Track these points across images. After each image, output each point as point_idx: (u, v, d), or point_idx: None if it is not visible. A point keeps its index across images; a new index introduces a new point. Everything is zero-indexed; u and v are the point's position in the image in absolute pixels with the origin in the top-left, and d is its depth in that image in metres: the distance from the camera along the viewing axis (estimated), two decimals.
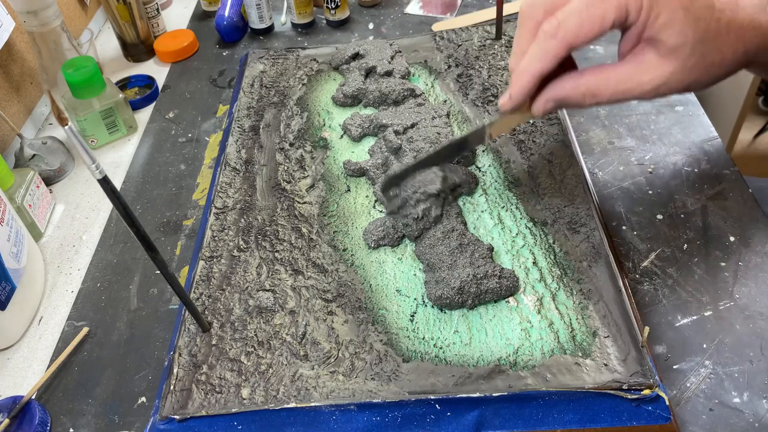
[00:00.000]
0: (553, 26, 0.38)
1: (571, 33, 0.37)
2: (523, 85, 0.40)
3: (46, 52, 0.71)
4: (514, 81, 0.40)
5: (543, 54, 0.38)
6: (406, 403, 0.41)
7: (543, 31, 0.38)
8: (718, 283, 0.50)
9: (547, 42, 0.38)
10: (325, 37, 0.86)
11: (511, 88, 0.41)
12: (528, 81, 0.40)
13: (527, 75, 0.39)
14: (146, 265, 0.57)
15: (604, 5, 0.36)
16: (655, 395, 0.40)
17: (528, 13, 0.40)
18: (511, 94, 0.41)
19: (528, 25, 0.40)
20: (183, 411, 0.42)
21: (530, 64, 0.39)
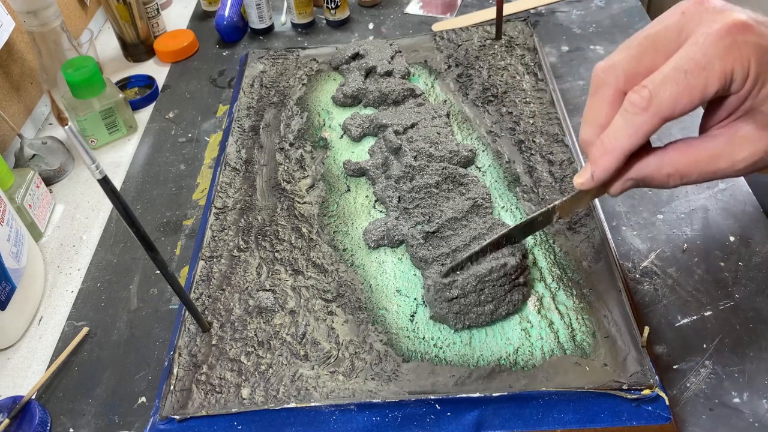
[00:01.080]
0: (644, 98, 0.33)
1: (667, 106, 0.32)
2: (608, 165, 0.35)
3: (46, 52, 0.71)
4: (597, 159, 0.35)
5: (633, 130, 0.34)
6: (406, 403, 0.41)
7: (631, 102, 0.33)
8: (718, 283, 0.50)
9: (636, 116, 0.33)
10: (325, 37, 0.86)
11: (592, 165, 0.36)
12: (614, 160, 0.35)
13: (614, 154, 0.35)
14: (146, 265, 0.57)
15: (706, 73, 0.31)
16: (655, 395, 0.40)
17: (604, 78, 0.35)
18: (595, 175, 0.36)
19: (606, 92, 0.36)
20: (183, 411, 0.42)
21: (617, 142, 0.34)
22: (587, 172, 0.37)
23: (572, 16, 0.82)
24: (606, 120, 0.36)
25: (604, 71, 0.36)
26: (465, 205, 0.51)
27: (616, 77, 0.35)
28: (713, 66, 0.31)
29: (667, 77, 0.32)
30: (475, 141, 0.61)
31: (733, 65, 0.31)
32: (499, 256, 0.45)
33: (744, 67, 0.31)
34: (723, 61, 0.31)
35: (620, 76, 0.35)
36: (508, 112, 0.63)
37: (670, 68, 0.32)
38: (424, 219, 0.51)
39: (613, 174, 0.36)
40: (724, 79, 0.32)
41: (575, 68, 0.73)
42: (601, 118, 0.36)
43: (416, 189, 0.53)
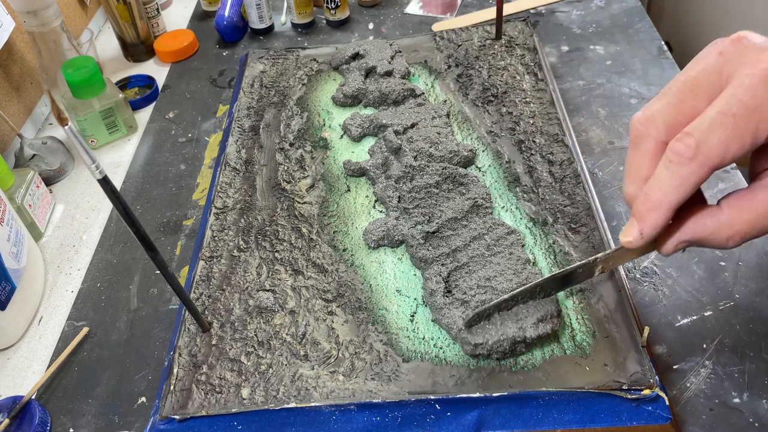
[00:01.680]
0: (689, 147, 0.31)
1: (716, 154, 0.30)
2: (657, 221, 0.33)
3: (46, 52, 0.71)
4: (644, 214, 0.33)
5: (679, 182, 0.31)
6: (406, 403, 0.41)
7: (675, 153, 0.31)
8: (718, 283, 0.50)
9: (682, 167, 0.31)
10: (325, 37, 0.86)
11: (639, 222, 0.34)
12: (662, 215, 0.33)
13: (662, 208, 0.33)
14: (146, 265, 0.57)
15: (757, 116, 0.29)
16: (654, 395, 0.40)
17: (644, 130, 0.33)
18: (643, 232, 0.34)
19: (647, 145, 0.33)
20: (183, 411, 0.42)
21: (664, 195, 0.32)
22: (634, 230, 0.34)
23: (572, 16, 0.82)
24: (649, 173, 0.34)
25: (643, 122, 0.34)
26: (465, 205, 0.51)
27: (657, 128, 0.33)
28: (763, 108, 0.29)
29: (714, 122, 0.30)
30: (475, 141, 0.61)
31: None
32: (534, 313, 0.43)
33: None
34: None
35: (660, 126, 0.33)
36: (508, 112, 0.63)
37: (716, 112, 0.30)
38: (424, 219, 0.51)
39: (662, 229, 0.34)
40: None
41: (575, 68, 0.73)
42: (644, 172, 0.34)
43: (416, 189, 0.53)
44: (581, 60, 0.74)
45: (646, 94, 0.68)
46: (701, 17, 1.06)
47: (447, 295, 0.46)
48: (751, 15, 0.93)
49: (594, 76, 0.72)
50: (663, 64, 0.72)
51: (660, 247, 0.35)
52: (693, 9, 1.08)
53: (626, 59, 0.73)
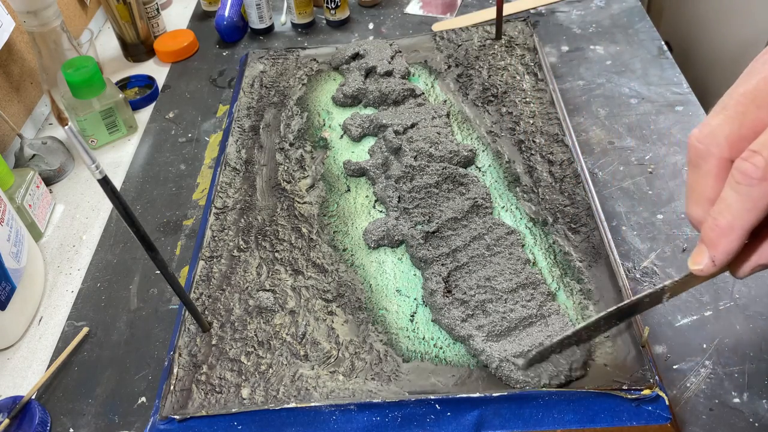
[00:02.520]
0: (758, 167, 0.28)
1: None
2: (729, 248, 0.31)
3: (46, 52, 0.71)
4: (715, 241, 0.31)
5: (751, 204, 0.29)
6: (406, 403, 0.41)
7: (743, 173, 0.29)
8: (718, 283, 0.50)
9: (752, 188, 0.29)
10: (325, 37, 0.86)
11: (710, 249, 0.32)
12: (735, 241, 0.31)
13: (734, 234, 0.30)
14: (146, 265, 0.57)
15: None
16: (655, 395, 0.40)
17: (705, 149, 0.31)
18: (715, 259, 0.32)
19: (709, 164, 0.31)
20: (183, 411, 0.42)
21: (735, 220, 0.30)
22: (705, 257, 0.32)
23: (572, 16, 0.82)
24: (714, 194, 0.31)
25: (702, 140, 0.31)
26: (465, 205, 0.51)
27: (718, 145, 0.31)
28: None
29: None
30: (475, 141, 0.61)
31: None
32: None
33: None
34: None
35: (723, 143, 0.31)
36: (508, 112, 0.63)
37: None
38: (424, 219, 0.51)
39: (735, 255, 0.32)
40: None
41: (575, 68, 0.73)
42: (708, 193, 0.32)
43: (416, 189, 0.53)
44: (581, 60, 0.74)
45: (646, 94, 0.68)
46: (701, 17, 1.06)
47: (447, 295, 0.46)
48: (750, 15, 0.93)
49: (594, 76, 0.72)
50: (663, 64, 0.72)
51: (735, 271, 0.33)
52: (693, 9, 1.08)
53: (626, 59, 0.73)
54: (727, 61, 1.16)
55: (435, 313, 0.46)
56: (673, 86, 0.69)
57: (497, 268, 0.47)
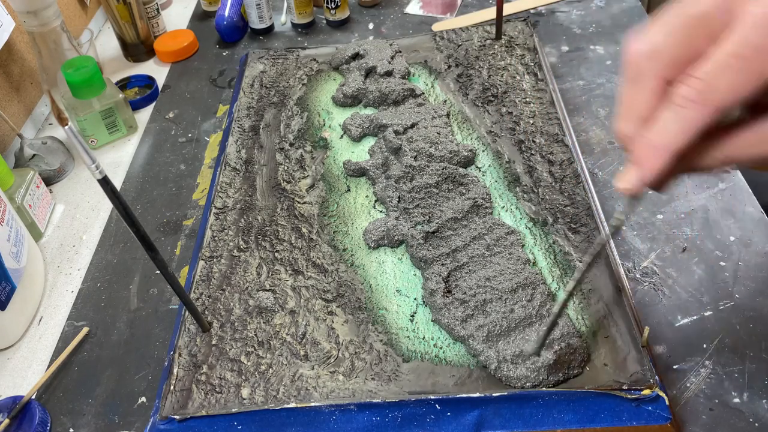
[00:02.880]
0: (696, 89, 0.29)
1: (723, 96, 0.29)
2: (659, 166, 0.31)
3: (46, 52, 0.71)
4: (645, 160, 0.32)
5: (686, 126, 0.30)
6: (406, 403, 0.41)
7: (681, 96, 0.30)
8: (718, 283, 0.50)
9: (689, 111, 0.30)
10: (325, 37, 0.86)
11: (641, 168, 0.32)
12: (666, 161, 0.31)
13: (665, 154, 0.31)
14: (146, 265, 0.57)
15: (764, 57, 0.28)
16: (655, 395, 0.40)
17: (648, 66, 0.31)
18: (645, 178, 0.32)
19: (648, 82, 0.32)
20: (183, 411, 0.42)
21: (668, 140, 0.31)
22: (634, 176, 0.33)
23: (572, 16, 0.82)
24: (648, 112, 0.32)
25: (647, 58, 0.31)
26: (465, 205, 0.51)
27: (662, 64, 0.31)
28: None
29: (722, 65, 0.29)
30: (475, 141, 0.61)
31: None
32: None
33: None
34: None
35: (667, 63, 0.31)
36: (508, 112, 0.63)
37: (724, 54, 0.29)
38: (424, 219, 0.51)
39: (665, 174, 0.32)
40: None
41: (575, 68, 0.73)
42: (642, 111, 0.32)
43: (416, 189, 0.53)
44: (581, 60, 0.74)
45: None
46: None
47: (447, 295, 0.46)
48: None
49: (594, 76, 0.72)
50: None
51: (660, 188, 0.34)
52: None
53: None
54: None
55: (435, 313, 0.46)
56: None
57: (497, 268, 0.47)
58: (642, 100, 0.32)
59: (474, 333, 0.43)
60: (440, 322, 0.45)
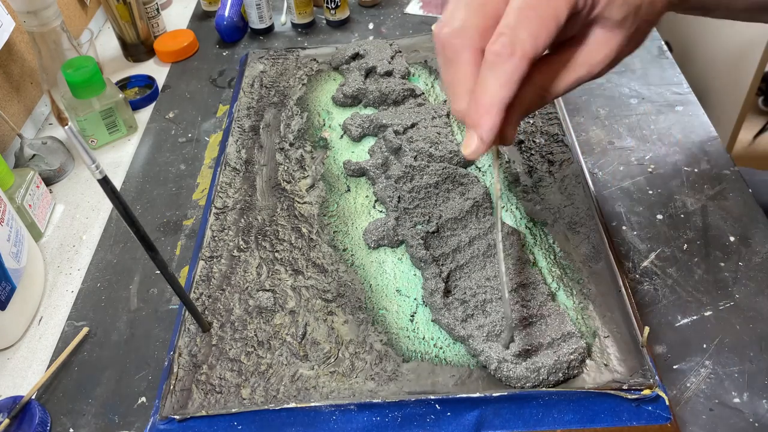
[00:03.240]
0: (505, 44, 0.32)
1: (529, 45, 0.32)
2: (493, 123, 0.34)
3: (46, 52, 0.71)
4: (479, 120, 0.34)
5: (506, 79, 0.33)
6: (406, 403, 0.41)
7: (494, 53, 0.32)
8: (718, 283, 0.50)
9: (504, 64, 0.32)
10: (325, 37, 0.86)
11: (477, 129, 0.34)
12: (497, 116, 0.33)
13: (494, 110, 0.33)
14: (146, 265, 0.57)
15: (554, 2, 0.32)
16: (655, 395, 0.40)
17: (459, 43, 0.34)
18: (483, 137, 0.34)
19: (465, 55, 0.34)
20: (183, 411, 0.42)
21: (495, 95, 0.33)
22: (474, 139, 0.35)
23: None
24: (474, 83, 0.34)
25: (456, 36, 0.34)
26: (465, 205, 0.51)
27: (471, 37, 0.34)
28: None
29: (519, 18, 0.32)
30: None
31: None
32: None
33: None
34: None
35: (474, 35, 0.34)
36: None
37: (518, 9, 0.32)
38: (423, 219, 0.51)
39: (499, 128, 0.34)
40: (570, 2, 0.32)
41: None
42: (469, 84, 0.34)
43: (416, 189, 0.53)
44: None
45: (646, 94, 0.68)
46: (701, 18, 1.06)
47: (447, 295, 0.46)
48: None
49: None
50: (663, 64, 0.72)
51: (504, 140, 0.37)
52: None
53: (626, 59, 0.73)
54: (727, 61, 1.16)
55: (435, 313, 0.46)
56: (673, 86, 0.69)
57: (497, 268, 0.47)
58: (465, 75, 0.34)
59: (474, 333, 0.43)
60: (440, 322, 0.45)
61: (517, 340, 0.43)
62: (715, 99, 1.21)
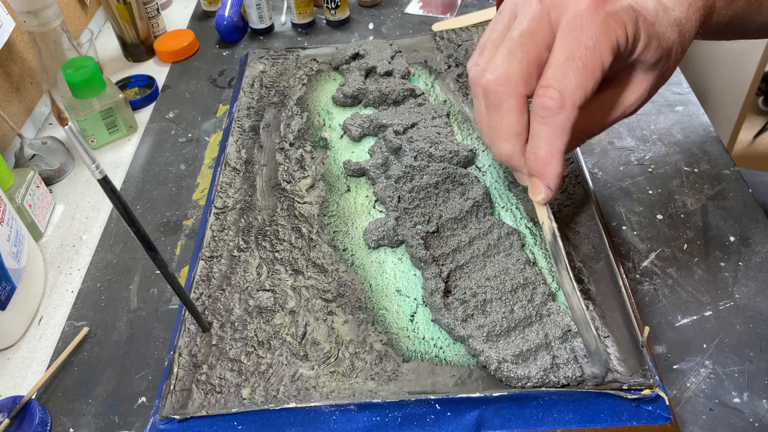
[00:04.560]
0: (555, 99, 0.34)
1: (579, 96, 0.34)
2: (557, 171, 0.36)
3: (46, 52, 0.71)
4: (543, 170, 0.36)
5: (560, 131, 0.35)
6: (406, 403, 0.41)
7: (545, 108, 0.34)
8: (718, 283, 0.50)
9: (556, 117, 0.34)
10: (325, 37, 0.86)
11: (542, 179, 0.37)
12: (559, 164, 0.36)
13: (555, 159, 0.36)
14: (146, 265, 0.57)
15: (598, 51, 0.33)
16: (655, 395, 0.40)
17: (505, 91, 0.36)
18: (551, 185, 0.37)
19: (510, 104, 0.36)
20: (183, 411, 0.42)
21: (553, 147, 0.35)
22: (541, 187, 0.38)
23: None
24: (520, 127, 0.36)
25: (500, 84, 0.36)
26: (465, 205, 0.51)
27: (515, 85, 0.35)
28: (601, 43, 0.33)
29: (566, 69, 0.33)
30: (475, 141, 0.61)
31: (616, 35, 0.33)
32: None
33: (624, 33, 0.34)
34: (607, 36, 0.33)
35: (519, 83, 0.35)
36: None
37: (564, 59, 0.34)
38: (424, 219, 0.51)
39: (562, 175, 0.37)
40: (614, 50, 0.34)
41: None
42: (515, 128, 0.36)
43: (416, 189, 0.53)
44: None
45: None
46: None
47: (447, 295, 0.46)
48: None
49: None
50: None
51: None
52: None
53: None
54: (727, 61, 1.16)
55: (435, 313, 0.46)
56: (673, 86, 0.69)
57: (497, 268, 0.47)
58: (510, 120, 0.36)
59: (474, 333, 0.43)
60: (440, 322, 0.45)
61: (517, 341, 0.43)
62: (715, 99, 1.21)
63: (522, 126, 0.37)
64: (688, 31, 0.38)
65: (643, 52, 0.35)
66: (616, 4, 0.34)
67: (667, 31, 0.36)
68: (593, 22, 0.33)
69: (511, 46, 0.36)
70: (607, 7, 0.33)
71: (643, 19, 0.35)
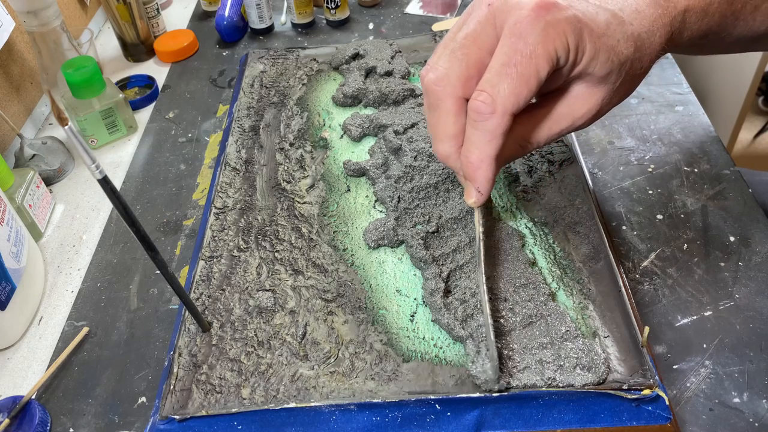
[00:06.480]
0: (487, 103, 0.34)
1: (511, 102, 0.33)
2: (487, 176, 0.36)
3: (46, 52, 0.71)
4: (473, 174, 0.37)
5: (490, 136, 0.35)
6: (406, 403, 0.41)
7: (477, 112, 0.34)
8: (718, 283, 0.50)
9: (487, 122, 0.34)
10: (325, 37, 0.86)
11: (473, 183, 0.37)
12: (489, 169, 0.36)
13: (485, 164, 0.36)
14: (146, 265, 0.57)
15: (534, 60, 0.33)
16: (655, 395, 0.40)
17: (443, 91, 0.36)
18: (480, 189, 0.37)
19: (446, 104, 0.36)
20: (183, 411, 0.42)
21: (482, 152, 0.35)
22: (472, 191, 0.38)
23: None
24: (456, 129, 0.37)
25: (439, 84, 0.36)
26: (465, 205, 0.51)
27: (453, 86, 0.35)
28: (538, 52, 0.33)
29: (501, 75, 0.33)
30: None
31: (555, 45, 0.33)
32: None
33: (564, 43, 0.33)
34: (545, 45, 0.33)
35: (456, 84, 0.35)
36: None
37: (500, 65, 0.33)
38: (423, 219, 0.51)
39: (494, 180, 0.37)
40: (551, 60, 0.33)
41: None
42: (450, 130, 0.37)
43: (416, 189, 0.53)
44: None
45: (646, 93, 0.68)
46: None
47: (447, 295, 0.46)
48: None
49: None
50: (663, 64, 0.72)
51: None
52: None
53: None
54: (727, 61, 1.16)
55: (435, 313, 0.46)
56: (673, 86, 0.69)
57: (497, 268, 0.47)
58: (446, 121, 0.36)
59: (474, 333, 0.43)
60: (440, 322, 0.45)
61: (517, 341, 0.43)
62: (715, 99, 1.21)
63: (458, 128, 0.37)
64: (650, 46, 0.37)
65: (590, 64, 0.35)
66: (559, 13, 0.33)
67: (620, 44, 0.35)
68: (533, 30, 0.33)
69: (454, 48, 0.35)
70: (549, 15, 0.33)
71: (589, 31, 0.34)
